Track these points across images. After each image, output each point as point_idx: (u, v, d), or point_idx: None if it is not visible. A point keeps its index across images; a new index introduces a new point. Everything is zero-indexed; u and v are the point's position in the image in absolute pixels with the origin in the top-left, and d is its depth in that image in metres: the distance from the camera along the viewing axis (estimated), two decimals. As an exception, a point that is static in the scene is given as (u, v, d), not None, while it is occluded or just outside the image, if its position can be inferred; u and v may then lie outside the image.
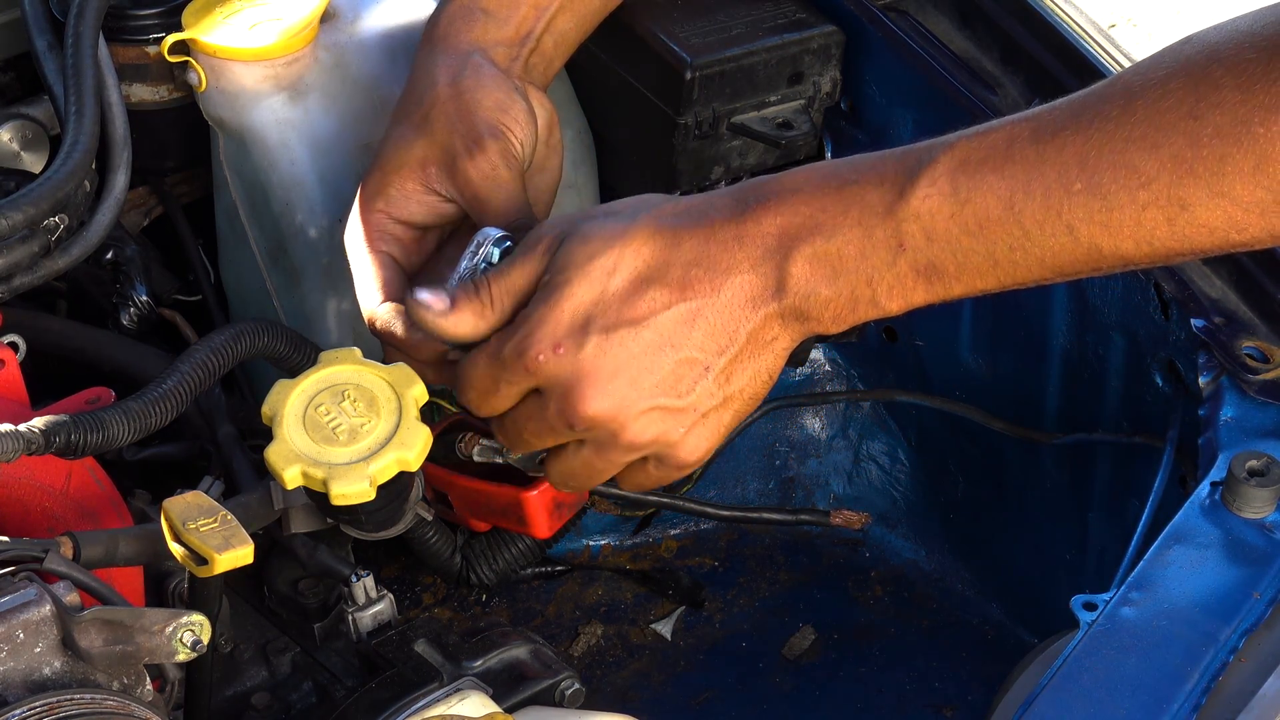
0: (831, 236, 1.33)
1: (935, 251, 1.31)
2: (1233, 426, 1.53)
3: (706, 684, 1.99)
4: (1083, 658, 1.35)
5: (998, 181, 1.29)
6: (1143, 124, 1.24)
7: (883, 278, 1.33)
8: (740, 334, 1.37)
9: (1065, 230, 1.27)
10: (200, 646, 1.26)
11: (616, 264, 1.37)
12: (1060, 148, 1.27)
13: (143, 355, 1.69)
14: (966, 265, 1.31)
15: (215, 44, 1.73)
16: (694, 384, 1.38)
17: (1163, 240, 1.25)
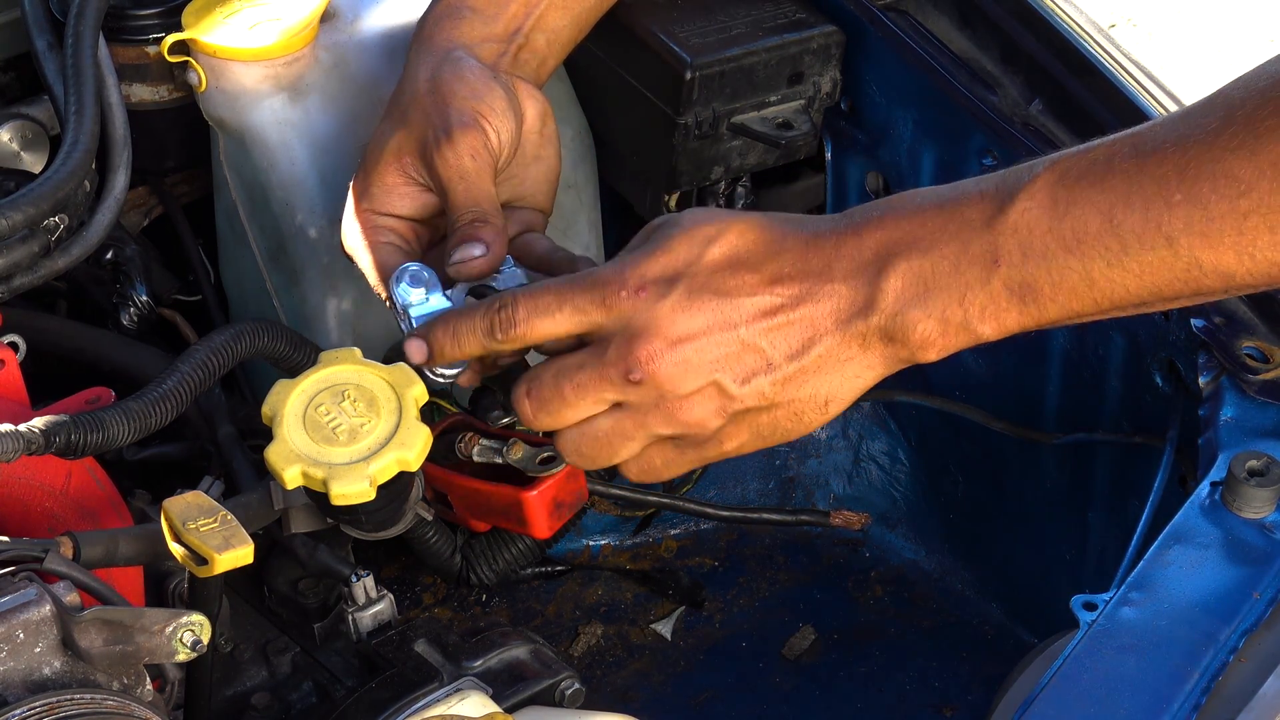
0: (928, 251, 1.32)
1: (1031, 269, 1.29)
2: (1233, 426, 1.53)
3: (706, 684, 1.99)
4: (1083, 658, 1.35)
5: (1097, 195, 1.27)
6: (1241, 133, 1.22)
7: (976, 297, 1.31)
8: (816, 344, 1.36)
9: (1165, 242, 1.25)
10: (200, 646, 1.26)
11: (719, 235, 1.37)
12: (1160, 161, 1.25)
13: (143, 355, 1.69)
14: (1062, 284, 1.29)
15: (215, 44, 1.73)
16: (752, 376, 1.37)
17: (1264, 250, 1.23)
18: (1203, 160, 1.23)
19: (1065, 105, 1.79)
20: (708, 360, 1.36)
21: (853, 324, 1.34)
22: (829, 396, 1.38)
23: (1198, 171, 1.23)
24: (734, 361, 1.36)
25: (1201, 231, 1.23)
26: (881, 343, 1.35)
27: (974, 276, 1.30)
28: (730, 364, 1.36)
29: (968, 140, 1.84)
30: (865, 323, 1.34)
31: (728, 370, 1.37)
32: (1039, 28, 1.81)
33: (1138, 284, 1.27)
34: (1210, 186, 1.23)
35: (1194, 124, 1.25)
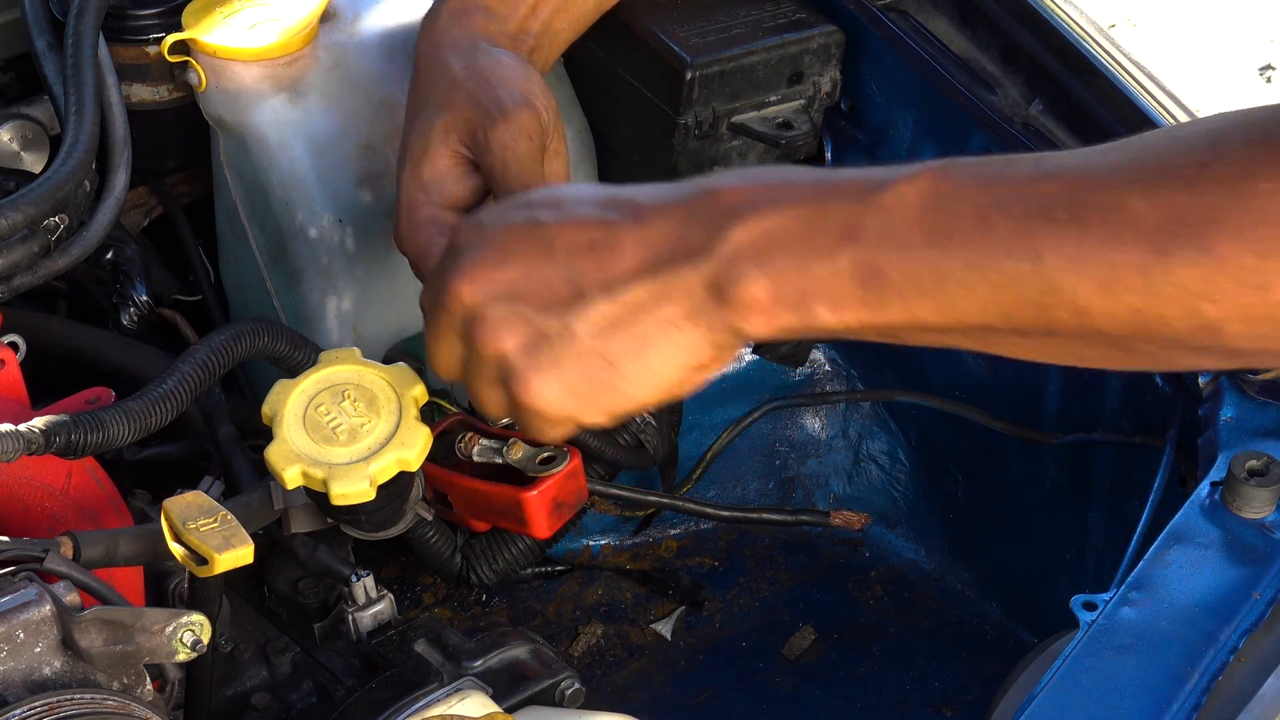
0: (783, 210, 1.21)
1: (886, 254, 1.18)
2: (1232, 426, 1.53)
3: (706, 684, 1.99)
4: (1083, 658, 1.35)
5: (979, 195, 1.17)
6: (1147, 168, 1.13)
7: (819, 269, 1.19)
8: (635, 278, 1.24)
9: (1031, 256, 1.14)
10: (200, 646, 1.26)
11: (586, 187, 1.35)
12: (1056, 178, 1.16)
13: (143, 355, 1.69)
14: (914, 279, 1.18)
15: (215, 44, 1.73)
16: (558, 309, 1.26)
17: (1130, 293, 1.12)
18: (1099, 186, 1.14)
19: (1065, 105, 1.79)
20: (513, 281, 1.27)
21: (680, 266, 1.23)
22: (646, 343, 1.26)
23: (1089, 196, 1.14)
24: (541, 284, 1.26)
25: (1072, 254, 1.13)
26: (708, 297, 1.23)
27: (823, 246, 1.19)
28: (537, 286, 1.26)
29: (968, 140, 1.84)
30: (696, 269, 1.22)
31: (532, 299, 1.27)
32: (1039, 28, 1.81)
33: (989, 297, 1.17)
34: (1098, 212, 1.13)
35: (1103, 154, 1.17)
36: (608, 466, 1.93)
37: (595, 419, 1.31)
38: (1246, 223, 1.09)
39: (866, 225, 1.19)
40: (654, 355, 1.27)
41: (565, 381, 1.28)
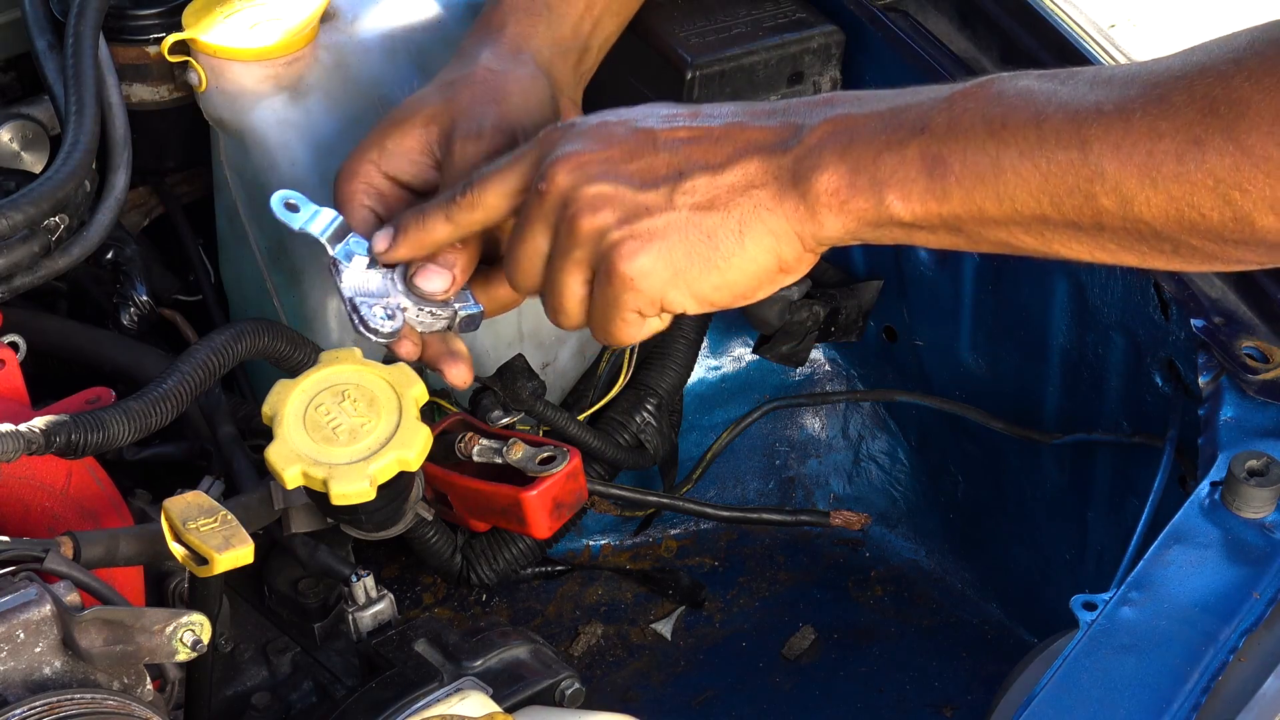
0: (864, 107, 1.33)
1: (950, 145, 1.29)
2: (1232, 426, 1.53)
3: (706, 684, 1.99)
4: (1083, 658, 1.35)
5: (1038, 94, 1.28)
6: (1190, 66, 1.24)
7: (891, 156, 1.30)
8: (731, 163, 1.34)
9: (1079, 144, 1.26)
10: (200, 646, 1.26)
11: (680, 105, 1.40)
12: (1110, 81, 1.27)
13: (143, 355, 1.69)
14: (972, 166, 1.29)
15: (215, 44, 1.73)
16: (660, 184, 1.35)
17: (1167, 180, 1.23)
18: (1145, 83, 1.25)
19: (1065, 105, 1.79)
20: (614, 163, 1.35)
21: (769, 151, 1.34)
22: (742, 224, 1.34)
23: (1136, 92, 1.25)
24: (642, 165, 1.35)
25: (1116, 142, 1.24)
26: (791, 181, 1.33)
27: (896, 138, 1.31)
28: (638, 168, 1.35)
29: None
30: (781, 155, 1.33)
31: (634, 171, 1.35)
32: (1039, 28, 1.81)
33: (1040, 184, 1.27)
34: (1141, 105, 1.24)
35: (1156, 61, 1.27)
36: (608, 466, 1.93)
37: (685, 299, 1.37)
38: (1272, 115, 1.19)
39: (934, 120, 1.30)
40: (749, 237, 1.35)
41: (665, 252, 1.35)
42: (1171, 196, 1.24)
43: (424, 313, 1.49)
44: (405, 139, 1.54)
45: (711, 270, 1.36)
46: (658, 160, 1.35)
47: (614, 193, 1.35)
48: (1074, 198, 1.27)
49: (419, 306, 1.49)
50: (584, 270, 1.39)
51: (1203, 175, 1.22)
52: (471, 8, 1.83)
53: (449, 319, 1.50)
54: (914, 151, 1.30)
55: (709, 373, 2.14)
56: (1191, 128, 1.22)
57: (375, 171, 1.54)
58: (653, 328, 1.41)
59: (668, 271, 1.35)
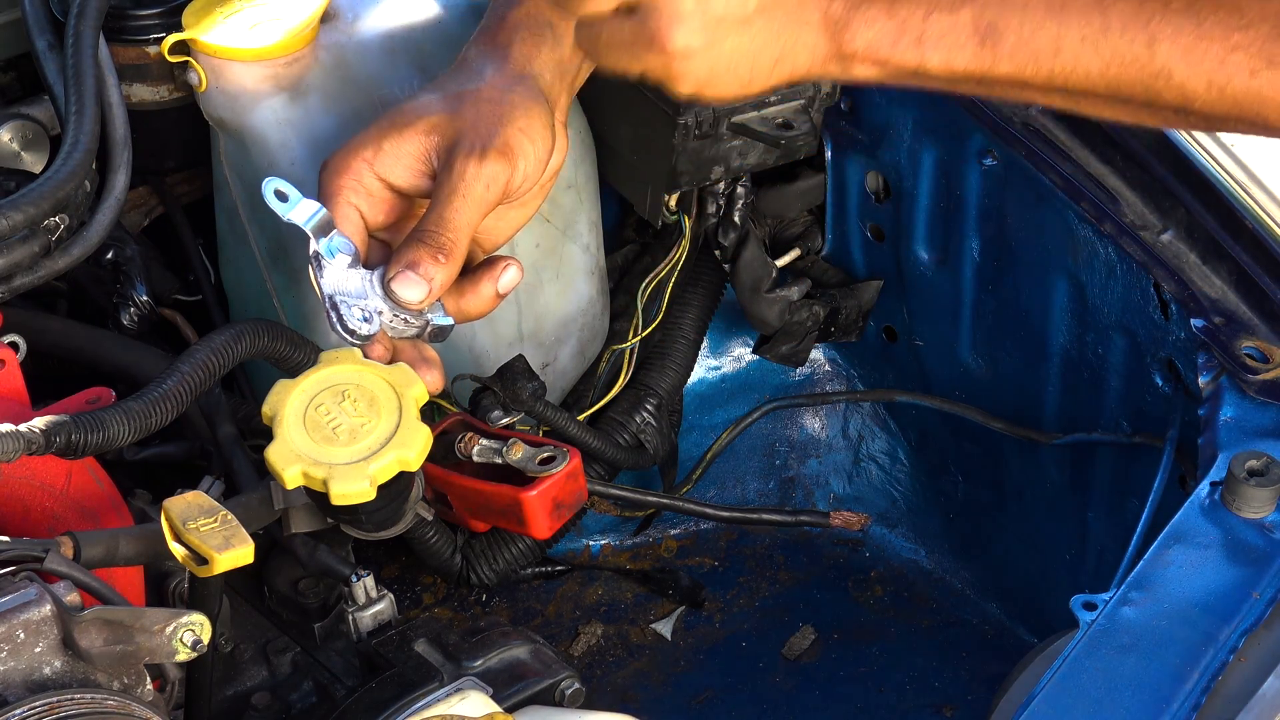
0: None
1: (1007, 14, 1.27)
2: (1232, 426, 1.53)
3: (706, 684, 1.99)
4: (1083, 658, 1.35)
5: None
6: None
7: (941, 18, 1.28)
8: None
9: (1146, 41, 1.24)
10: (200, 646, 1.26)
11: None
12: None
13: (143, 355, 1.69)
14: (1029, 40, 1.26)
15: (215, 44, 1.73)
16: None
17: (1235, 90, 1.22)
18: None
19: (1065, 105, 1.79)
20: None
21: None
22: (782, 53, 1.33)
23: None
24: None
25: (1186, 46, 1.23)
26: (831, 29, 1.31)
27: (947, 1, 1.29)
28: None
29: (968, 140, 1.84)
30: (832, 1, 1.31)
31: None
32: (1039, 28, 1.80)
33: (1100, 71, 1.26)
34: (1213, 8, 1.22)
35: None
36: (608, 466, 1.93)
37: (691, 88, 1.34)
38: None
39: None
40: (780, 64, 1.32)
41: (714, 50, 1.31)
42: (1237, 103, 1.23)
43: (398, 319, 1.49)
44: (404, 143, 1.53)
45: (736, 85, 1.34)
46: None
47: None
48: (1134, 88, 1.25)
49: (394, 312, 1.49)
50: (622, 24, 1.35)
51: (1273, 92, 1.22)
52: (471, 8, 1.83)
53: (421, 327, 1.51)
54: (966, 16, 1.28)
55: (709, 373, 2.14)
56: (1266, 43, 1.21)
57: (367, 170, 1.53)
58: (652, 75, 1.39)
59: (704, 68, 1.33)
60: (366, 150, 1.53)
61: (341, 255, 1.49)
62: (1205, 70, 1.23)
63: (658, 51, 1.33)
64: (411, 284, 1.48)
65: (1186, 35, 1.23)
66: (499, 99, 1.53)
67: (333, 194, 1.53)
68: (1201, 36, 1.22)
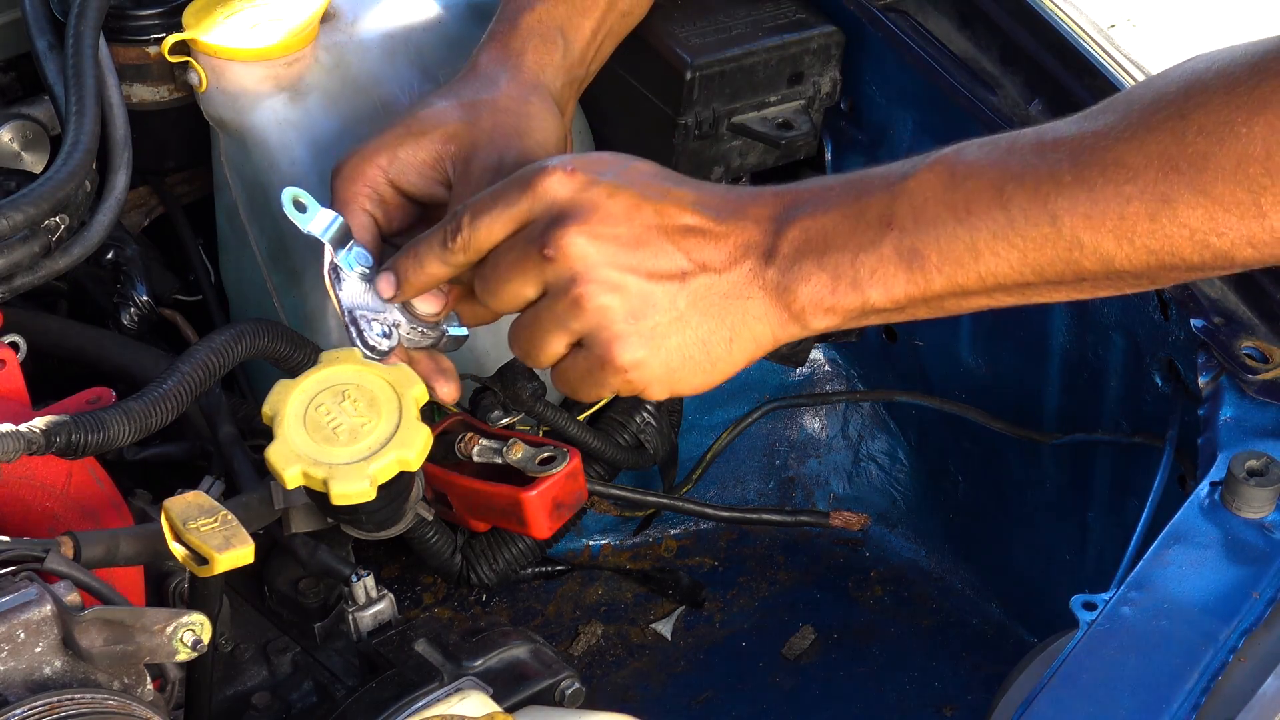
0: (829, 210, 1.35)
1: (921, 235, 1.31)
2: (1232, 426, 1.53)
3: (706, 684, 1.99)
4: (1083, 658, 1.35)
5: (992, 171, 1.30)
6: (1135, 125, 1.26)
7: (867, 258, 1.33)
8: (727, 270, 1.37)
9: (1049, 220, 1.28)
10: (201, 646, 1.26)
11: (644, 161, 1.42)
12: (1056, 146, 1.29)
13: (143, 355, 1.69)
14: (949, 254, 1.31)
15: (216, 44, 1.73)
16: (666, 281, 1.37)
17: (1143, 238, 1.26)
18: (1095, 148, 1.27)
19: (1065, 105, 1.79)
20: (624, 253, 1.37)
21: (757, 262, 1.36)
22: (733, 333, 1.38)
23: (1090, 158, 1.27)
24: (650, 263, 1.37)
25: (1085, 213, 1.27)
26: (777, 293, 1.36)
27: (867, 238, 1.33)
28: (645, 265, 1.37)
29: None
30: (765, 266, 1.36)
31: (642, 271, 1.37)
32: (1039, 28, 1.81)
33: (1020, 259, 1.30)
34: (1099, 171, 1.26)
35: (1094, 118, 1.29)
36: (608, 466, 1.93)
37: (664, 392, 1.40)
38: (1234, 163, 1.22)
39: (899, 212, 1.32)
40: (737, 345, 1.39)
41: (663, 354, 1.38)
42: (1151, 250, 1.26)
43: (415, 330, 1.50)
44: (420, 151, 1.53)
45: (699, 373, 1.40)
46: (663, 252, 1.37)
47: (623, 282, 1.37)
48: (1056, 266, 1.30)
49: (411, 324, 1.50)
50: (572, 338, 1.40)
51: (1178, 229, 1.25)
52: (471, 7, 1.83)
53: (437, 338, 1.52)
54: (889, 249, 1.32)
55: (709, 373, 2.14)
56: (1156, 186, 1.24)
57: (381, 177, 1.54)
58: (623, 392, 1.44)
59: (660, 370, 1.39)
60: (381, 157, 1.54)
61: (358, 268, 1.49)
62: (1109, 230, 1.26)
63: (614, 372, 1.39)
64: (428, 296, 1.48)
65: (1082, 203, 1.27)
66: (516, 109, 1.55)
67: (347, 200, 1.53)
68: (1095, 200, 1.26)
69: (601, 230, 1.36)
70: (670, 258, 1.37)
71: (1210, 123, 1.22)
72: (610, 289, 1.37)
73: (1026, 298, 1.34)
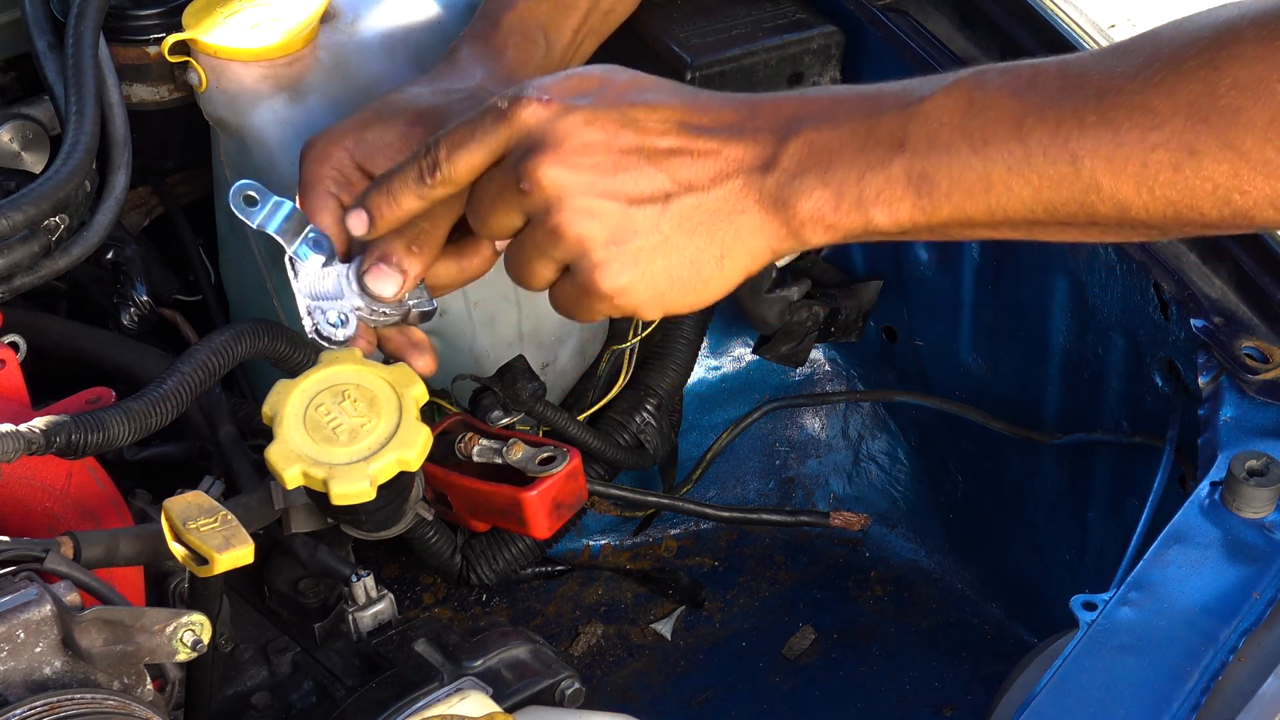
0: (837, 125, 1.31)
1: (933, 161, 1.28)
2: (1232, 426, 1.53)
3: (706, 684, 1.99)
4: (1083, 658, 1.35)
5: (1013, 102, 1.27)
6: (1164, 70, 1.22)
7: (874, 177, 1.29)
8: (714, 187, 1.33)
9: (1069, 159, 1.25)
10: (200, 646, 1.26)
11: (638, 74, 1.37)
12: (1082, 84, 1.25)
13: (143, 355, 1.69)
14: (960, 182, 1.28)
15: (215, 44, 1.73)
16: (647, 204, 1.34)
17: (1164, 188, 1.23)
18: (1123, 90, 1.23)
19: (1065, 105, 1.79)
20: (602, 178, 1.34)
21: (752, 174, 1.32)
22: (724, 250, 1.35)
23: (1116, 100, 1.24)
24: (630, 187, 1.34)
25: (1108, 156, 1.24)
26: (775, 206, 1.32)
27: (876, 157, 1.29)
28: (624, 189, 1.34)
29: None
30: (763, 178, 1.32)
31: (621, 195, 1.34)
32: (1039, 28, 1.81)
33: (1033, 196, 1.27)
34: (1125, 114, 1.23)
35: (1121, 57, 1.26)
36: (608, 466, 1.93)
37: (656, 312, 1.37)
38: (1266, 120, 1.19)
39: (912, 134, 1.28)
40: (729, 260, 1.35)
41: (649, 276, 1.35)
42: (1170, 201, 1.24)
43: (376, 312, 1.49)
44: (387, 133, 1.53)
45: (690, 293, 1.37)
46: (643, 175, 1.34)
47: (600, 208, 1.34)
48: (1069, 206, 1.26)
49: (371, 306, 1.49)
50: (558, 266, 1.38)
51: (1201, 182, 1.22)
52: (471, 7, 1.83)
53: (403, 314, 1.51)
54: (898, 170, 1.29)
55: (709, 373, 2.14)
56: (1183, 136, 1.21)
57: (348, 159, 1.53)
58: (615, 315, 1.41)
59: (648, 293, 1.36)
60: (348, 139, 1.53)
61: (314, 256, 1.49)
62: (1131, 176, 1.23)
63: (600, 298, 1.37)
64: (384, 277, 1.47)
65: (1105, 145, 1.23)
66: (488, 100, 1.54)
67: (314, 181, 1.52)
68: (1120, 144, 1.23)
69: (576, 160, 1.33)
70: (651, 180, 1.33)
71: (1246, 76, 1.19)
72: (588, 216, 1.34)
73: (1032, 234, 1.30)
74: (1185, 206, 1.23)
